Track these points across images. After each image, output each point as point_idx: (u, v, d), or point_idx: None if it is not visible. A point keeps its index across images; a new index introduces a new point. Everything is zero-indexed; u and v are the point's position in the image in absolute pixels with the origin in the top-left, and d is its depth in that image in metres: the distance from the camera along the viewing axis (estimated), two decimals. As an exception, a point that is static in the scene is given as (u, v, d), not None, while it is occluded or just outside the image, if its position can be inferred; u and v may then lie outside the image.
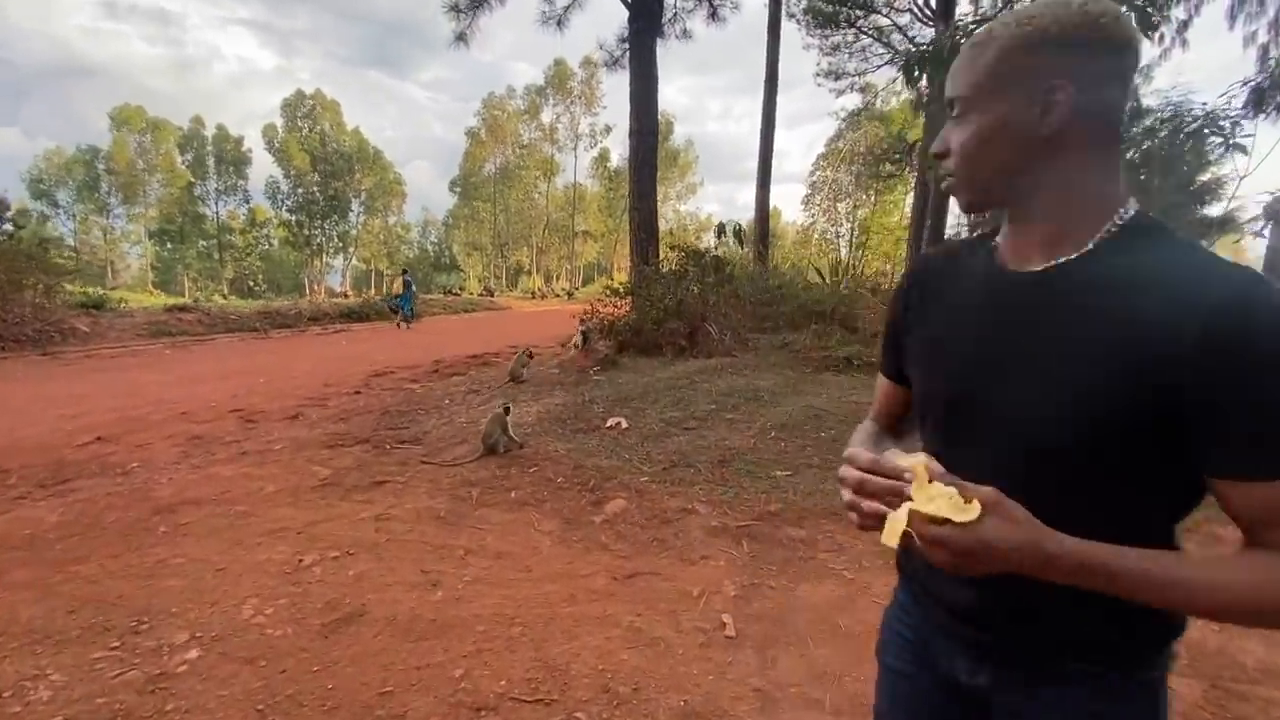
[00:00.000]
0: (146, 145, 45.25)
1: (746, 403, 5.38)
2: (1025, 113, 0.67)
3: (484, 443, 4.46)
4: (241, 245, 52.51)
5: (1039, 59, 0.66)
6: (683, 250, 8.98)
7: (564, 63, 45.27)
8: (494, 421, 4.51)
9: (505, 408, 4.60)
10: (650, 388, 5.94)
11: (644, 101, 9.46)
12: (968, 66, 0.71)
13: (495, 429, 4.47)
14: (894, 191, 34.56)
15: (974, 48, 0.71)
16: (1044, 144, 0.68)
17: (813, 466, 4.26)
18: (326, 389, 7.59)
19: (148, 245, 49.22)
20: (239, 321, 14.32)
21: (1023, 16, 0.67)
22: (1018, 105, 0.68)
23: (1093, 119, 0.67)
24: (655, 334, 7.51)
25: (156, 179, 46.26)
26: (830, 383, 5.97)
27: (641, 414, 5.24)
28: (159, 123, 45.25)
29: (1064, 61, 0.65)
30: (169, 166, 46.25)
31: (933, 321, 0.83)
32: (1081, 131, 0.67)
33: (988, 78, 0.69)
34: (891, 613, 0.95)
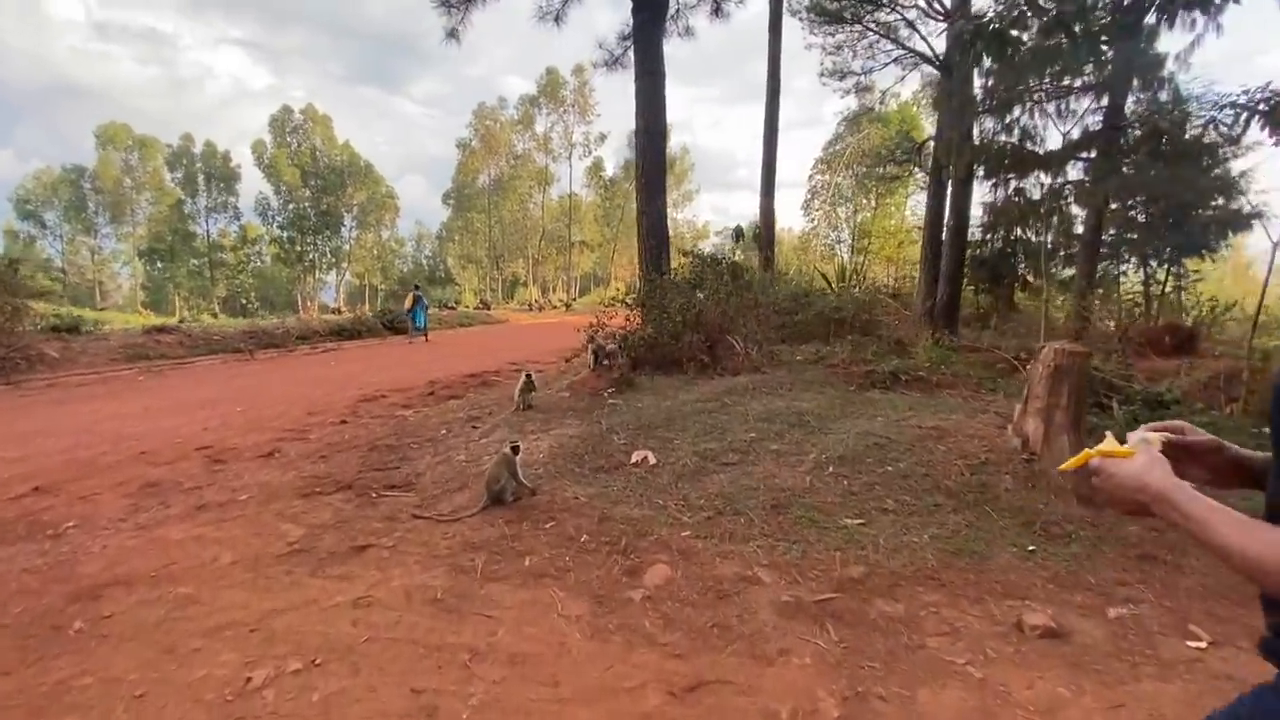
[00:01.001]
0: (134, 163, 44.55)
1: (791, 429, 4.65)
2: None
3: (488, 490, 3.71)
4: (233, 263, 51.69)
5: None
6: (697, 256, 8.27)
7: (556, 71, 44.88)
8: (500, 464, 3.76)
9: (514, 447, 3.86)
10: (676, 412, 5.21)
11: (651, 98, 8.80)
12: None
13: (502, 472, 3.72)
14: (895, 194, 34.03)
15: None
16: None
17: (888, 511, 3.52)
18: (309, 418, 6.83)
19: (136, 264, 48.40)
20: (223, 342, 13.55)
21: None
22: None
23: None
24: (673, 349, 6.78)
25: (145, 197, 45.55)
26: (880, 403, 5.24)
27: (670, 445, 4.50)
28: (146, 140, 44.58)
29: None
30: (157, 184, 45.55)
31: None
32: None
33: None
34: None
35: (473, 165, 47.98)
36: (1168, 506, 0.78)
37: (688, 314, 6.82)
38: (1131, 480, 0.83)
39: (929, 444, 4.27)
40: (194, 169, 47.51)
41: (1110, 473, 0.86)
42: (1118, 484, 0.85)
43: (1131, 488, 0.83)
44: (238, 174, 48.88)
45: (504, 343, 16.36)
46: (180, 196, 46.84)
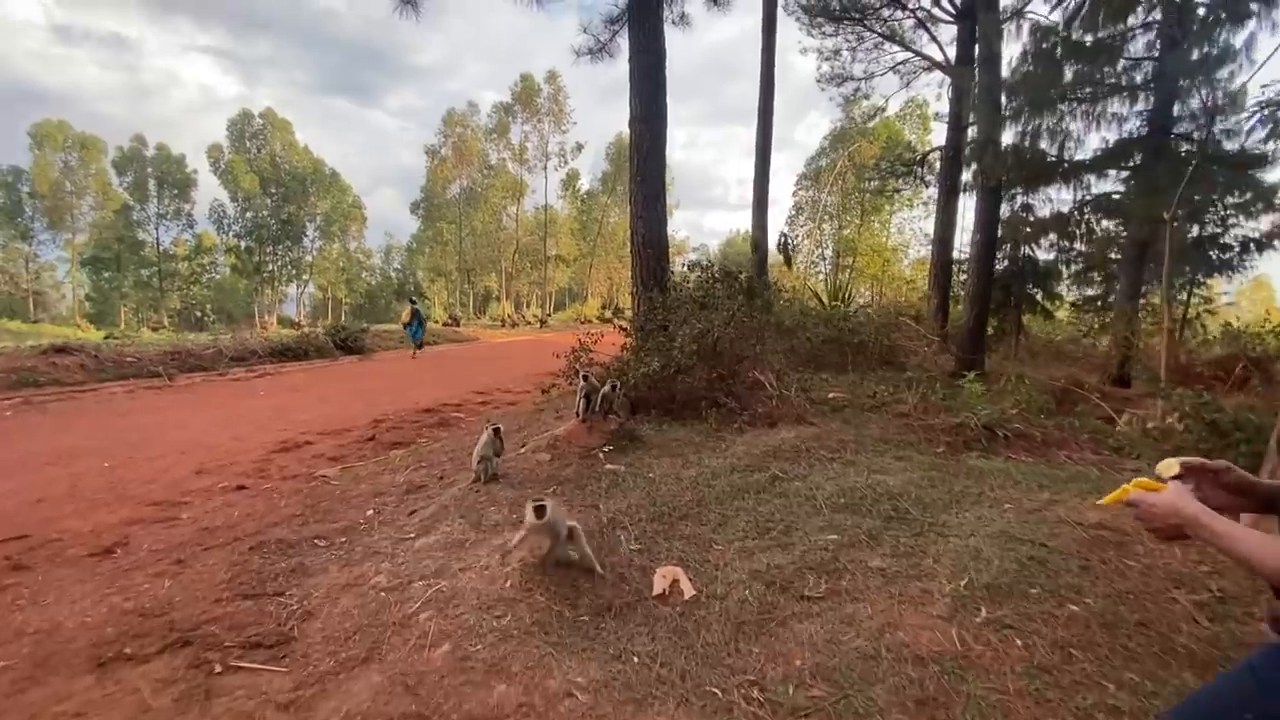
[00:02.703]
0: (74, 165, 41.53)
1: (889, 526, 3.11)
2: None
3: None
4: (186, 273, 48.65)
5: None
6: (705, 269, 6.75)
7: (531, 77, 43.36)
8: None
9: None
10: (706, 489, 3.63)
11: (649, 81, 7.31)
12: None
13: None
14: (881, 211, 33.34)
15: None
16: None
17: (1120, 713, 1.99)
18: (196, 481, 5.06)
19: (75, 274, 45.15)
20: (137, 365, 11.53)
21: None
22: None
23: None
24: (685, 387, 5.21)
25: (87, 201, 42.47)
26: (991, 475, 3.74)
27: (710, 557, 2.92)
28: (87, 139, 41.64)
29: None
30: (101, 188, 42.55)
31: None
32: None
33: None
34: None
35: (443, 174, 46.02)
36: (1199, 527, 0.97)
37: (703, 342, 5.26)
38: (1168, 508, 1.01)
39: (1109, 557, 2.77)
40: (144, 173, 44.63)
41: (1151, 503, 1.05)
42: (1158, 513, 1.03)
43: (1168, 514, 1.01)
44: (193, 180, 46.13)
45: (471, 366, 14.60)
46: (127, 201, 43.85)
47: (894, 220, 34.29)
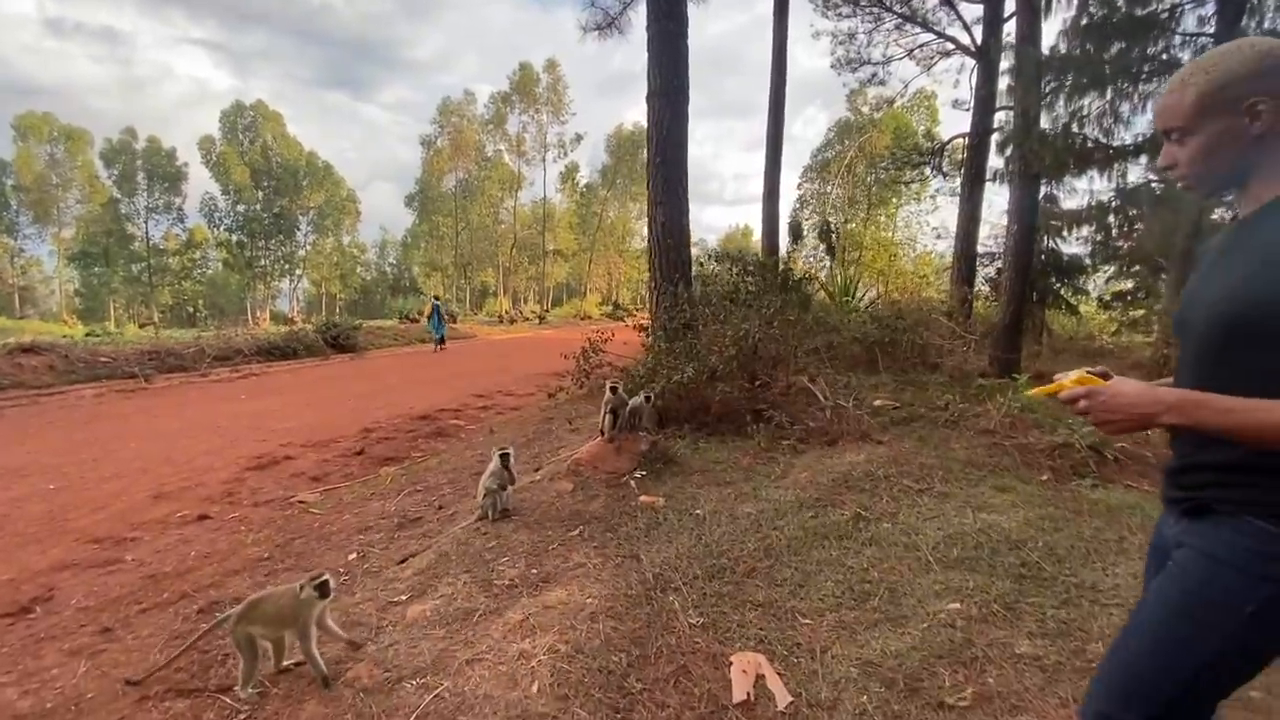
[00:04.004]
0: (60, 157, 40.45)
1: (1023, 589, 2.39)
2: (1237, 122, 0.98)
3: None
4: (177, 268, 47.62)
5: (1231, 90, 0.97)
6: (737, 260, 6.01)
7: (530, 66, 42.34)
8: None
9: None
10: (770, 531, 2.91)
11: (670, 50, 6.56)
12: (1174, 106, 1.03)
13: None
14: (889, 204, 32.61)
15: (1174, 93, 1.04)
16: (1255, 140, 0.98)
17: None
18: (152, 508, 4.32)
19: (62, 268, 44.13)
20: (112, 365, 10.74)
21: (1207, 65, 1.01)
22: (1228, 119, 0.98)
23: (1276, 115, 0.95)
24: (727, 397, 4.48)
25: (73, 195, 41.40)
26: (1121, 513, 3.02)
27: (796, 635, 2.20)
28: (72, 131, 40.53)
29: (1257, 85, 0.96)
30: (87, 181, 41.48)
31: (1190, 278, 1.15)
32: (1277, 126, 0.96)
33: (1196, 112, 1.00)
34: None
35: (438, 166, 45.02)
36: (1194, 408, 0.92)
37: (744, 345, 4.53)
38: (1141, 396, 0.96)
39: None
40: (133, 166, 43.56)
41: (1114, 392, 0.98)
42: (1124, 403, 0.96)
43: (1147, 402, 0.95)
44: (184, 173, 45.06)
45: (470, 364, 13.84)
46: (114, 195, 42.78)
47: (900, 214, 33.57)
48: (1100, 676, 1.10)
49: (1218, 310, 0.97)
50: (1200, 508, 1.01)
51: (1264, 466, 0.93)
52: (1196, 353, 1.03)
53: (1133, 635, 1.07)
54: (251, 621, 2.09)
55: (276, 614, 2.08)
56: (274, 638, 2.17)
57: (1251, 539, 0.94)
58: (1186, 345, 1.06)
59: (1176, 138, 1.04)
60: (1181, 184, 1.09)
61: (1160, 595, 1.04)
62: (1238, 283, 0.95)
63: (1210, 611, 0.96)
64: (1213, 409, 0.90)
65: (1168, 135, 1.06)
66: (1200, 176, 1.05)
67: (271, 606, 2.09)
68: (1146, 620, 1.05)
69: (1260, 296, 0.91)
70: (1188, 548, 1.02)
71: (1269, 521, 0.93)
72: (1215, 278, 1.02)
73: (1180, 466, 1.07)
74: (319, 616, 2.15)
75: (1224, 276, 1.00)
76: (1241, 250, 0.99)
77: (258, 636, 2.12)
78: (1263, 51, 0.96)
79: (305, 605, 2.07)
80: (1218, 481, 0.99)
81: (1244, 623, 0.93)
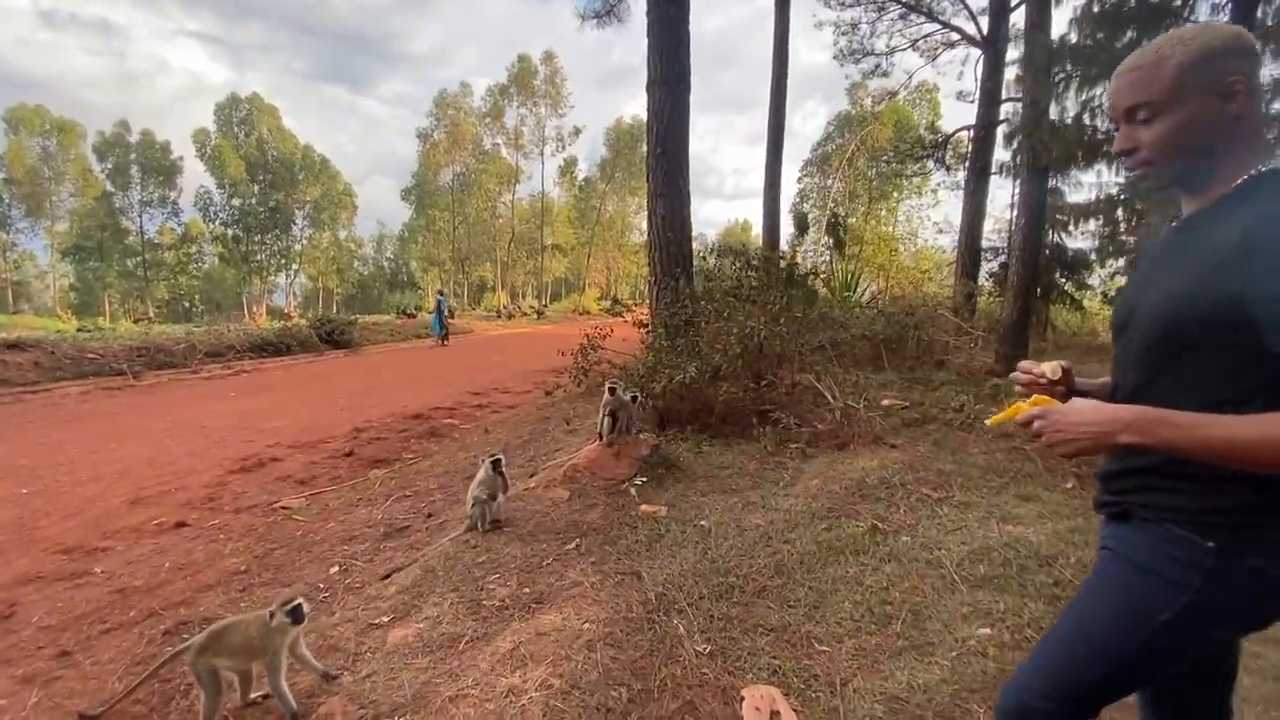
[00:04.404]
0: (52, 150, 40.01)
1: (1055, 611, 2.15)
2: (1213, 103, 0.91)
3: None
4: (172, 263, 47.24)
5: (1214, 65, 0.90)
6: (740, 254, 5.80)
7: (528, 59, 41.90)
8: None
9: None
10: (780, 545, 2.72)
11: (671, 36, 6.32)
12: (1147, 80, 0.94)
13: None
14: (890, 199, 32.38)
15: (1146, 67, 0.94)
16: (1228, 125, 0.91)
17: None
18: (130, 511, 4.13)
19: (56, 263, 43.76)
20: (99, 362, 10.51)
21: (1186, 37, 0.92)
22: (1206, 99, 0.91)
23: (1255, 101, 0.92)
24: (731, 397, 4.27)
25: (66, 188, 40.98)
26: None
27: (813, 665, 2.01)
28: (65, 124, 40.06)
29: (1232, 64, 0.90)
30: (80, 174, 41.06)
31: (1130, 276, 1.15)
32: (1251, 111, 0.92)
33: (1175, 86, 0.91)
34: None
35: (435, 159, 44.62)
36: (1152, 425, 0.85)
37: (749, 343, 4.33)
38: (1096, 415, 0.89)
39: None
40: (127, 159, 43.12)
41: (1066, 412, 0.92)
42: (1077, 421, 0.89)
43: (1102, 421, 0.88)
44: (178, 166, 44.63)
45: (466, 360, 13.63)
46: (107, 188, 42.37)
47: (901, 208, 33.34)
48: (1023, 668, 1.10)
49: (1164, 312, 0.93)
50: (1125, 512, 1.01)
51: (1186, 474, 0.91)
52: (1139, 355, 0.99)
53: (1056, 632, 1.07)
54: (215, 653, 1.89)
55: (244, 645, 1.88)
56: (240, 670, 1.97)
57: (1171, 546, 0.93)
58: (1128, 346, 1.03)
59: (1144, 116, 0.95)
60: (1138, 172, 1.01)
61: (1083, 596, 1.05)
62: (1188, 285, 0.90)
63: (1126, 616, 0.96)
64: (1174, 425, 0.84)
65: (1131, 115, 0.97)
66: (1166, 163, 0.96)
67: (238, 637, 1.88)
68: (1069, 618, 1.05)
69: (1209, 300, 0.86)
70: (1110, 550, 1.03)
71: (1188, 529, 0.92)
72: (1162, 278, 0.97)
73: (1112, 471, 1.04)
74: (292, 643, 1.95)
75: (1172, 278, 0.94)
76: (1192, 250, 0.93)
77: (222, 669, 1.92)
78: (1236, 31, 0.92)
79: (276, 634, 1.87)
80: (1141, 487, 0.98)
81: (1158, 629, 0.93)
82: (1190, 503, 0.92)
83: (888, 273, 32.91)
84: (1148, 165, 0.98)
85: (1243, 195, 0.91)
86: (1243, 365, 0.86)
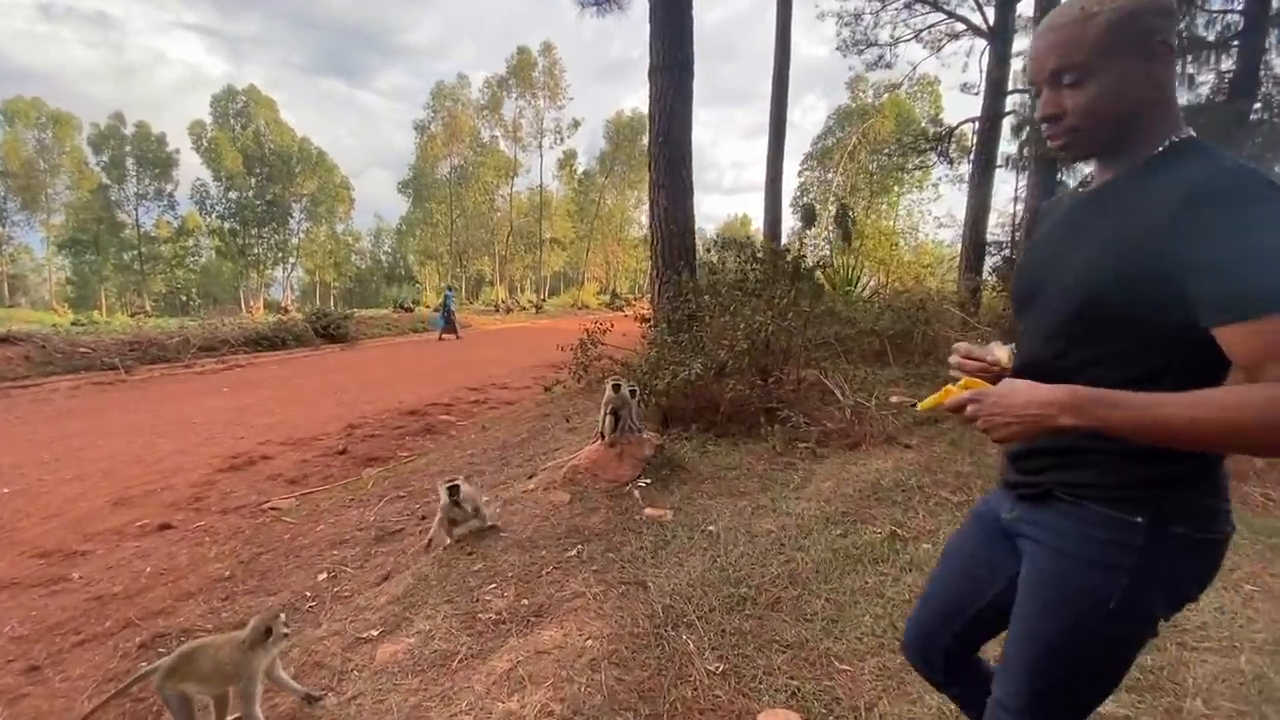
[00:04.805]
0: (48, 143, 39.64)
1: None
2: (1141, 64, 0.85)
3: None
4: (169, 256, 46.93)
5: (1142, 22, 0.84)
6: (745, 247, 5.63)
7: (528, 50, 41.47)
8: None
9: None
10: (794, 553, 2.57)
11: (674, 20, 6.14)
12: (1074, 39, 0.86)
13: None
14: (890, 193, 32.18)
15: (1071, 25, 0.86)
16: (1156, 87, 0.86)
17: None
18: (113, 512, 3.97)
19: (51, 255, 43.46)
20: (91, 356, 10.33)
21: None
22: (1134, 60, 0.85)
23: (1173, 63, 0.88)
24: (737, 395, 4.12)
25: (61, 181, 40.63)
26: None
27: (834, 686, 1.87)
28: (60, 116, 39.68)
29: (1158, 22, 0.84)
30: (75, 166, 40.70)
31: (1030, 244, 1.09)
32: (1171, 74, 0.88)
33: (1105, 45, 0.84)
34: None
35: (433, 151, 44.27)
36: (1092, 405, 0.78)
37: (756, 339, 4.17)
38: (1033, 397, 0.82)
39: None
40: (122, 152, 42.74)
41: (1003, 394, 0.85)
42: (1012, 404, 0.83)
43: (1039, 403, 0.81)
44: (174, 159, 44.25)
45: (464, 355, 13.46)
46: (103, 181, 42.03)
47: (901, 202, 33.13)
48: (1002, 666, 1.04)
49: (1086, 283, 0.88)
50: (1045, 493, 0.96)
51: (1101, 448, 0.88)
52: (1053, 329, 0.93)
53: (1015, 632, 1.00)
54: (184, 678, 1.74)
55: (215, 670, 1.73)
56: (214, 694, 1.82)
57: (1095, 527, 0.90)
58: (1038, 320, 0.97)
59: (1071, 80, 0.88)
60: (1060, 140, 0.93)
61: (1027, 593, 0.98)
62: (1112, 254, 0.85)
63: (1071, 611, 0.92)
64: (1115, 405, 0.78)
65: (1056, 78, 0.89)
66: (1094, 129, 0.89)
67: (208, 661, 1.73)
68: (1022, 618, 0.99)
69: (1136, 270, 0.82)
70: (1035, 542, 0.97)
71: (1107, 505, 0.89)
72: (1080, 248, 0.91)
73: (1023, 451, 1.00)
74: (269, 667, 1.80)
75: (1092, 246, 0.89)
76: (1113, 219, 0.88)
77: (193, 694, 1.77)
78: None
79: (249, 658, 1.71)
80: (1056, 465, 0.94)
81: (1108, 616, 0.89)
82: (1109, 477, 0.88)
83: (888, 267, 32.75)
84: (1074, 132, 0.91)
85: (1169, 161, 0.86)
86: (1157, 341, 0.84)
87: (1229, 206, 0.75)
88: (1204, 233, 0.75)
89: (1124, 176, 0.90)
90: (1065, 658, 0.93)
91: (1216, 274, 0.75)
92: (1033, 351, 0.96)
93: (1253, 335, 0.73)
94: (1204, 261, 0.75)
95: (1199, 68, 8.94)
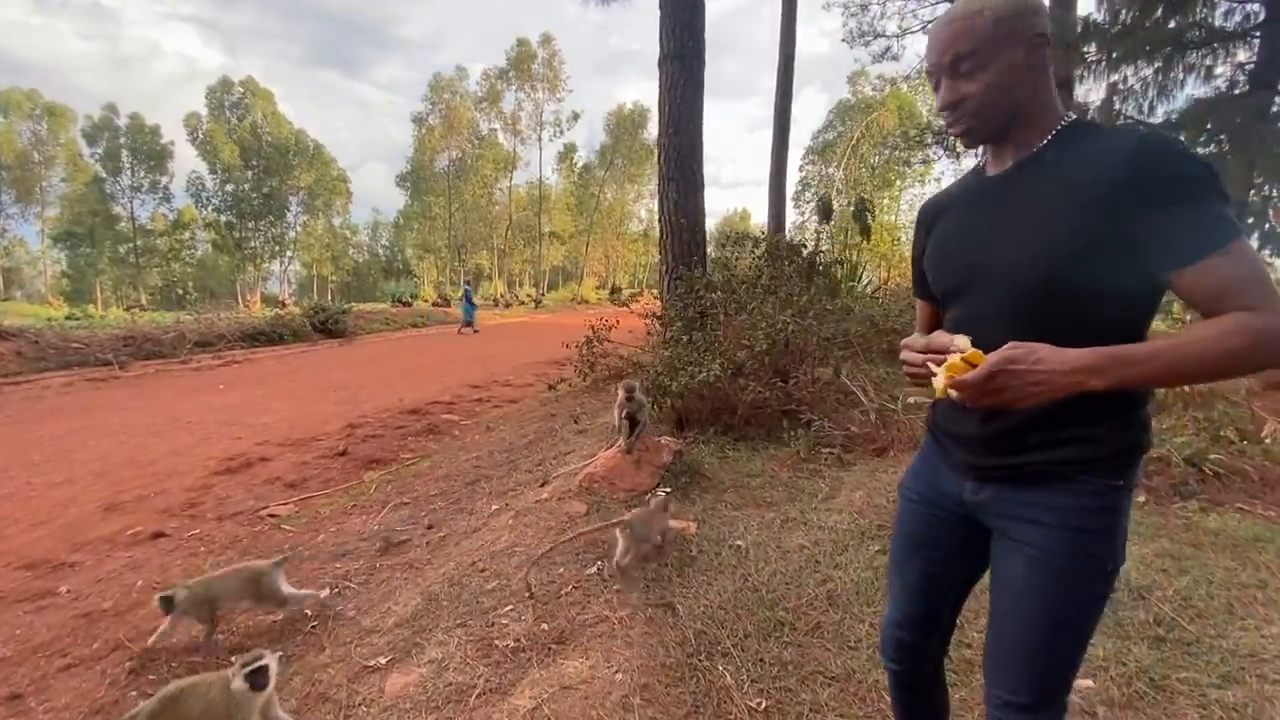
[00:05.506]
0: (43, 135, 39.21)
1: (1163, 657, 1.90)
2: (1025, 55, 0.94)
3: None
4: (165, 249, 46.55)
5: (1024, 18, 0.93)
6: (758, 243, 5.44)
7: (528, 42, 41.06)
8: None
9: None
10: (830, 570, 2.41)
11: (685, 7, 5.93)
12: (967, 31, 0.94)
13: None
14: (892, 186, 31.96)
15: (964, 19, 0.94)
16: (1038, 75, 0.95)
17: None
18: (104, 519, 3.80)
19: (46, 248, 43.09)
20: (85, 352, 10.12)
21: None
22: (1018, 51, 0.93)
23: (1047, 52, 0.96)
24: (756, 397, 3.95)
25: (56, 173, 40.22)
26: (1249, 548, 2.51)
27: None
28: (55, 108, 39.23)
29: (1036, 19, 0.94)
30: (70, 159, 40.28)
31: (940, 234, 1.12)
32: (1049, 63, 0.96)
33: (995, 36, 0.92)
34: (914, 463, 1.26)
35: (431, 144, 43.89)
36: (1115, 365, 0.82)
37: (776, 339, 4.00)
38: (1067, 360, 0.83)
39: None
40: (117, 144, 42.29)
41: (1036, 360, 0.84)
42: (1058, 369, 0.83)
43: (1073, 368, 0.83)
44: (169, 151, 43.79)
45: (464, 350, 13.27)
46: (98, 173, 41.61)
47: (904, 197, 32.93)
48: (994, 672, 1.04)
49: (1038, 267, 0.92)
50: (1036, 474, 0.97)
51: (1096, 421, 0.92)
52: (1010, 316, 0.95)
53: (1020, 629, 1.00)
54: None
55: (205, 713, 1.56)
56: (206, 735, 1.65)
57: (1091, 498, 0.94)
58: (980, 307, 1.01)
59: (968, 68, 0.96)
60: (962, 125, 1.00)
61: (1026, 575, 0.98)
62: (1058, 231, 0.90)
63: (1084, 581, 0.96)
64: (1130, 361, 0.82)
65: (955, 67, 0.97)
66: (992, 113, 0.97)
67: (197, 703, 1.56)
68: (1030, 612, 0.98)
69: (1090, 239, 0.88)
70: (1031, 523, 0.97)
71: (1102, 476, 0.94)
72: (1012, 232, 0.96)
73: (997, 432, 0.99)
74: (264, 707, 1.63)
75: (1029, 229, 0.94)
76: (1038, 197, 0.94)
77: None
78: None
79: (242, 700, 1.55)
80: (1047, 443, 0.96)
81: (1107, 578, 0.96)
82: (1103, 450, 0.93)
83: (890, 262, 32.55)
84: (974, 118, 0.98)
85: (1078, 135, 0.94)
86: (1108, 309, 0.90)
87: (1177, 162, 0.83)
88: (1158, 188, 0.83)
89: (1031, 158, 0.97)
90: (1075, 627, 0.97)
91: (1180, 223, 0.82)
92: (985, 336, 0.93)
93: (1207, 273, 0.82)
94: (1168, 214, 0.83)
95: (1215, 59, 8.75)
